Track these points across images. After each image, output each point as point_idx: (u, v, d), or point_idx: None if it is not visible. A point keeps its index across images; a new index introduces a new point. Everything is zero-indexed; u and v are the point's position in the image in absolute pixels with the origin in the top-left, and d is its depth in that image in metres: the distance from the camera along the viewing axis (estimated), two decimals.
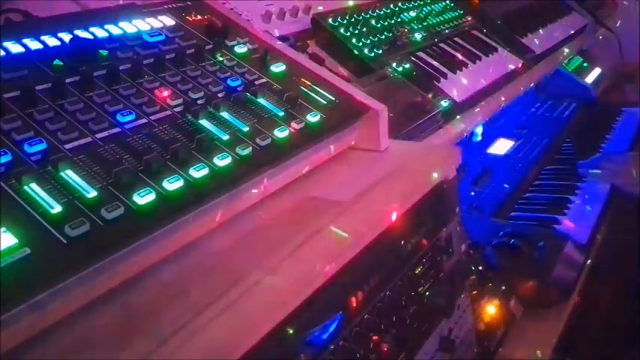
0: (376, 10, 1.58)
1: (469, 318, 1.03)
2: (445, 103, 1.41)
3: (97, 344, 0.56)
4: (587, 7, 2.66)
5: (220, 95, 0.85)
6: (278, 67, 0.96)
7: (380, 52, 1.46)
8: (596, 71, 2.59)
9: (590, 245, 1.43)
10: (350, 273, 0.73)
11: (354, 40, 1.44)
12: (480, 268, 1.24)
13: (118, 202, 0.63)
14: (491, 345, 1.16)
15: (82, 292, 0.59)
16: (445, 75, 1.52)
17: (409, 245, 0.87)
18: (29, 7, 0.97)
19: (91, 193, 0.63)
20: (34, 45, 0.80)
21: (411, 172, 0.92)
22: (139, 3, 0.99)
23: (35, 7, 0.98)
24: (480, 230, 1.36)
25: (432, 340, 0.90)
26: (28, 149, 0.66)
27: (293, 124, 0.85)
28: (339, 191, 0.84)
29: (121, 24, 0.91)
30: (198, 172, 0.70)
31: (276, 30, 1.34)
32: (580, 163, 1.76)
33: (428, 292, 0.90)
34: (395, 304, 0.82)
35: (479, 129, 1.94)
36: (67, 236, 0.58)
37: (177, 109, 0.80)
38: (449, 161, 0.99)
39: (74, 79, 0.77)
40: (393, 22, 1.59)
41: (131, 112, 0.76)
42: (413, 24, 1.66)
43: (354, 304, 0.75)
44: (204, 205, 0.71)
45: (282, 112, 0.86)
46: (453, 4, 1.90)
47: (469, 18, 1.91)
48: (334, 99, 0.94)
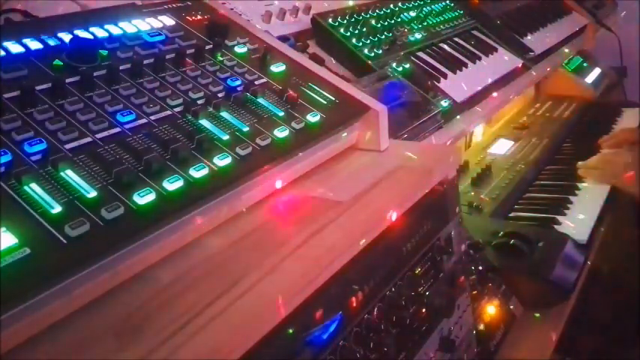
0: (376, 10, 1.58)
1: (469, 318, 1.03)
2: (445, 103, 1.41)
3: (97, 344, 0.56)
4: (587, 7, 2.66)
5: (220, 95, 0.85)
6: (278, 67, 0.96)
7: (380, 52, 1.46)
8: (596, 71, 2.60)
9: (590, 245, 1.42)
10: (350, 273, 0.73)
11: (354, 40, 1.44)
12: (480, 268, 1.24)
13: (118, 202, 0.63)
14: (491, 345, 1.16)
15: (82, 292, 0.59)
16: (445, 75, 1.52)
17: (409, 245, 0.87)
18: (29, 7, 0.97)
19: (91, 193, 0.63)
20: (34, 45, 0.80)
21: (411, 172, 0.92)
22: (138, 3, 0.98)
23: (35, 7, 0.98)
24: (480, 230, 1.36)
25: (432, 340, 0.90)
26: (28, 149, 0.66)
27: (293, 124, 0.85)
28: (339, 191, 0.84)
29: (121, 24, 0.91)
30: (198, 172, 0.70)
31: (276, 30, 1.34)
32: (580, 163, 1.76)
33: (428, 292, 0.90)
34: (395, 304, 0.82)
35: (479, 129, 1.94)
36: (67, 236, 0.58)
37: (177, 109, 0.80)
38: (449, 161, 0.99)
39: (74, 79, 0.77)
40: (392, 22, 1.59)
41: (131, 112, 0.76)
42: (413, 24, 1.66)
43: (354, 304, 0.75)
44: (204, 205, 0.71)
45: (282, 112, 0.86)
46: (452, 4, 1.90)
47: (469, 18, 1.91)
48: (334, 99, 0.94)
